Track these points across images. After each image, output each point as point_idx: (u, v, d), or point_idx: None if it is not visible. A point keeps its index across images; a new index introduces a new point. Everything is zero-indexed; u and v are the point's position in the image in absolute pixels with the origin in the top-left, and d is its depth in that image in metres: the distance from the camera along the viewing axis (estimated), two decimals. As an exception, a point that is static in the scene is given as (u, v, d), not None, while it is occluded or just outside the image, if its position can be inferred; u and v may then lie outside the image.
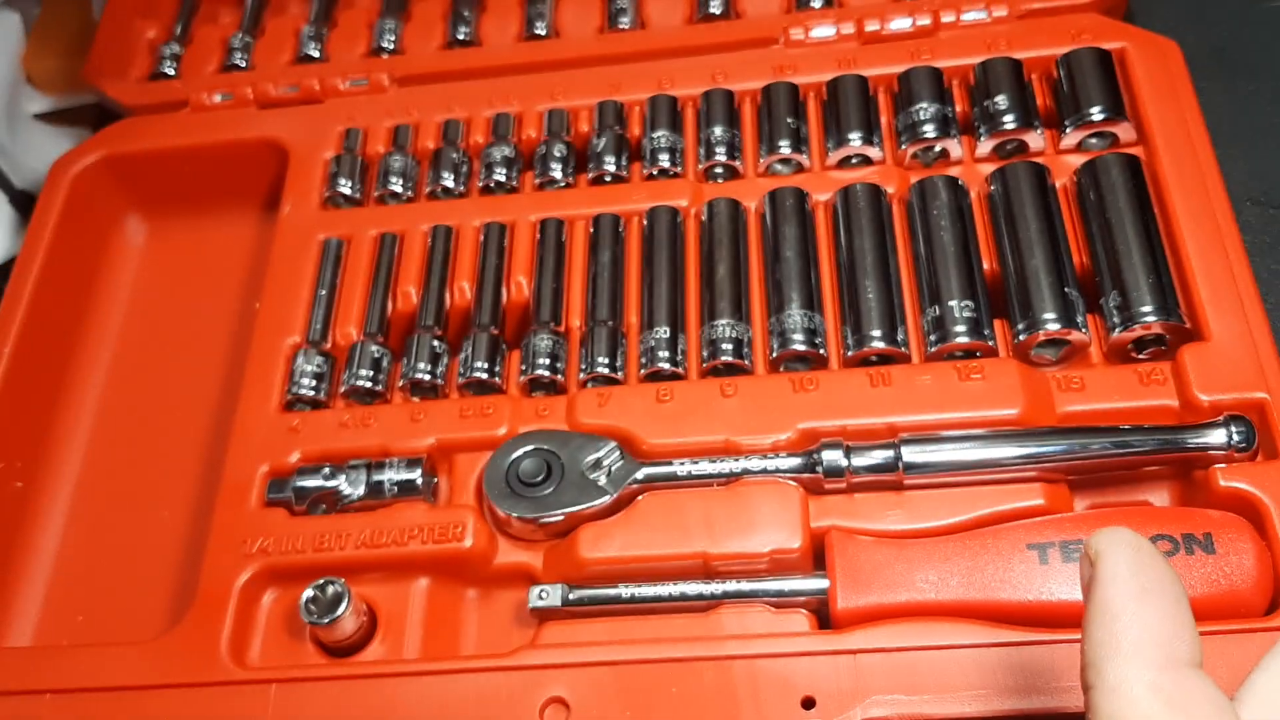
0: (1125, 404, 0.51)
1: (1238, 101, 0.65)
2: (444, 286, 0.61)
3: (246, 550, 0.53)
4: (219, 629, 0.52)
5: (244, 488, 0.56)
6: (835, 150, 0.61)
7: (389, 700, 0.49)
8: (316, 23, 0.75)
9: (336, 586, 0.50)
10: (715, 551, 0.50)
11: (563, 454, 0.53)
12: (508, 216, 0.63)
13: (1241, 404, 0.50)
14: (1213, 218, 0.54)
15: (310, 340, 0.60)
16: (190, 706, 0.50)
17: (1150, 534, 0.46)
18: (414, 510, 0.53)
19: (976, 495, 0.50)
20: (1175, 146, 0.57)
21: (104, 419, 0.66)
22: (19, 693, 0.52)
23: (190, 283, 0.70)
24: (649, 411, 0.54)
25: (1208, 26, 0.68)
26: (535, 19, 0.72)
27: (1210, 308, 0.52)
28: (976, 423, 0.51)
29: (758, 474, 0.51)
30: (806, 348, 0.54)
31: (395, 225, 0.64)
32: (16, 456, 0.62)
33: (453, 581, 0.53)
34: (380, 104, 0.69)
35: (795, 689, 0.46)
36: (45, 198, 0.68)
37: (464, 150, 0.67)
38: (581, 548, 0.51)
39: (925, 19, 0.65)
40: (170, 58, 0.75)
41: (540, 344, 0.57)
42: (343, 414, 0.57)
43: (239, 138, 0.70)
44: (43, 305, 0.65)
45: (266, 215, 0.72)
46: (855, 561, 0.48)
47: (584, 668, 0.48)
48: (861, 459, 0.50)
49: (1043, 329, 0.52)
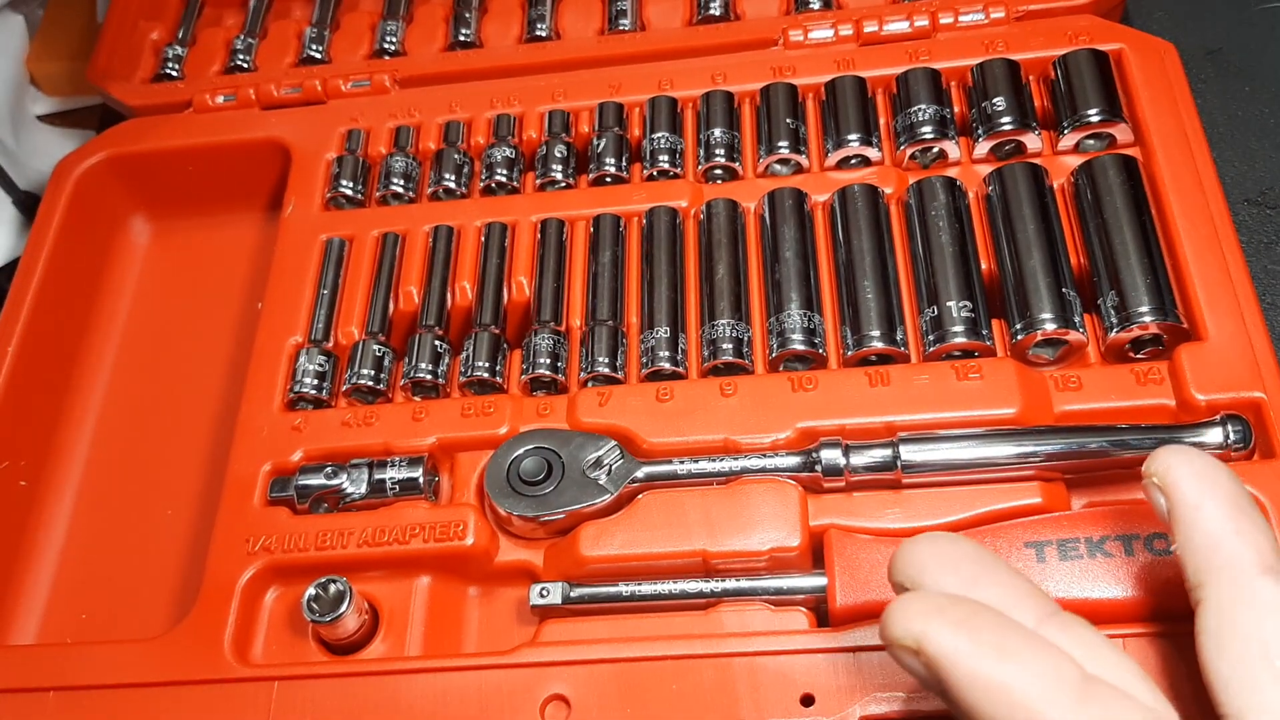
0: (1122, 403, 0.51)
1: (1234, 102, 0.66)
2: (446, 286, 0.62)
3: (249, 548, 0.54)
4: (222, 627, 0.52)
5: (247, 486, 0.56)
6: (834, 151, 0.62)
7: (391, 697, 0.49)
8: (319, 24, 0.75)
9: (339, 584, 0.50)
10: (715, 550, 0.50)
11: (563, 453, 0.53)
12: (509, 217, 0.63)
13: (1238, 403, 0.50)
14: (1209, 218, 0.55)
15: (313, 339, 0.61)
16: (193, 704, 0.50)
17: (1146, 532, 0.46)
18: (416, 509, 0.54)
19: (974, 494, 0.50)
20: (1172, 147, 0.57)
21: (108, 418, 0.66)
22: (23, 690, 0.52)
23: (193, 282, 0.71)
24: (649, 411, 0.54)
25: (1204, 28, 0.68)
26: (536, 21, 0.73)
27: (1207, 308, 0.52)
28: (974, 422, 0.51)
29: (757, 473, 0.51)
30: (806, 347, 0.55)
31: (397, 225, 0.64)
32: (21, 455, 0.62)
33: (454, 579, 0.54)
34: (382, 105, 0.70)
35: (794, 686, 0.46)
36: (49, 198, 0.69)
37: (465, 151, 0.67)
38: (582, 546, 0.51)
39: (923, 21, 0.65)
40: (174, 59, 0.76)
41: (541, 343, 0.58)
42: (345, 413, 0.57)
43: (242, 138, 0.70)
44: (47, 305, 0.65)
45: (269, 215, 0.72)
46: (854, 560, 0.48)
47: (584, 665, 0.48)
48: (860, 458, 0.50)
49: (1040, 329, 0.53)
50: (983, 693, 0.34)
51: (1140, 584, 0.46)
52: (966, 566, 0.38)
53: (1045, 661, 0.34)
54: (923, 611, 0.35)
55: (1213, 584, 0.36)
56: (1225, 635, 0.35)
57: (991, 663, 0.34)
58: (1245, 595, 0.35)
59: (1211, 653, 0.35)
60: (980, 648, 0.34)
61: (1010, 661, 0.34)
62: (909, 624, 0.35)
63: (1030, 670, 0.34)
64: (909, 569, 0.38)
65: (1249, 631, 0.35)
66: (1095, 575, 0.46)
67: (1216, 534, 0.37)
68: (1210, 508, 0.37)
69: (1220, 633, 0.35)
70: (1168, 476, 0.38)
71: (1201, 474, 0.38)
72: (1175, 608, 0.45)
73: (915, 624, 0.35)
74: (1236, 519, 0.37)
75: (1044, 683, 0.34)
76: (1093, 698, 0.34)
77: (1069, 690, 0.34)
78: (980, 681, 0.34)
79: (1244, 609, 0.35)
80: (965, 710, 0.35)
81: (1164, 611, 0.45)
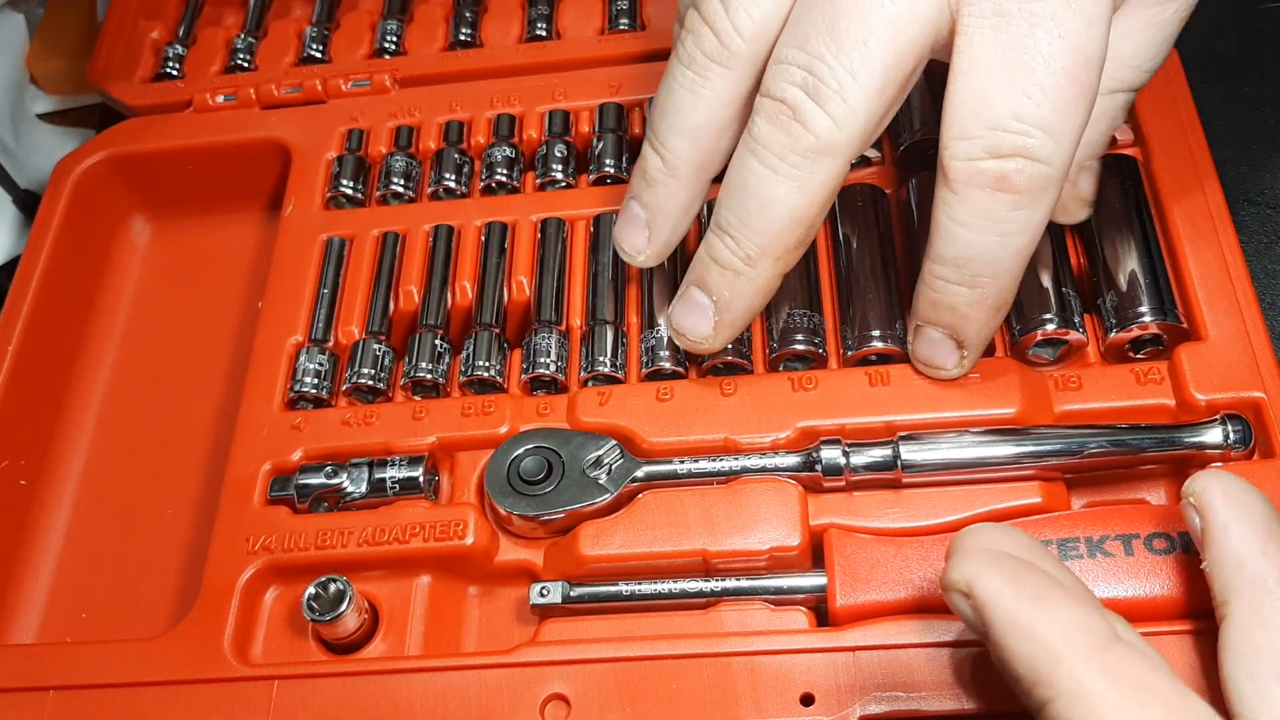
0: (1122, 403, 0.51)
1: (1234, 102, 0.66)
2: (446, 286, 0.62)
3: (249, 548, 0.54)
4: (222, 626, 0.52)
5: (247, 485, 0.56)
6: (835, 151, 0.61)
7: (391, 696, 0.49)
8: (319, 24, 0.75)
9: (339, 584, 0.50)
10: (715, 549, 0.50)
11: (563, 452, 0.53)
12: (509, 216, 0.63)
13: (1238, 403, 0.50)
14: (1209, 218, 0.55)
15: (313, 339, 0.61)
16: (193, 703, 0.50)
17: (1146, 533, 0.46)
18: (416, 508, 0.54)
19: (974, 494, 0.50)
20: (1172, 147, 0.57)
21: (108, 417, 0.66)
22: (23, 689, 0.52)
23: (194, 282, 0.71)
24: (649, 410, 0.54)
25: (1204, 28, 0.68)
26: (537, 21, 0.73)
27: (1207, 308, 0.52)
28: (974, 422, 0.51)
29: (757, 472, 0.51)
30: (806, 347, 0.55)
31: (397, 225, 0.64)
32: (21, 455, 0.62)
33: (454, 579, 0.54)
34: (383, 105, 0.70)
35: (794, 686, 0.47)
36: (49, 197, 0.69)
37: (466, 151, 0.67)
38: (582, 545, 0.51)
39: (924, 21, 0.65)
40: (174, 58, 0.76)
41: (541, 343, 0.58)
42: (345, 412, 0.57)
43: (242, 138, 0.70)
44: (47, 304, 0.65)
45: (269, 215, 0.72)
46: (854, 559, 0.48)
47: (584, 664, 0.48)
48: (860, 457, 0.50)
49: (1040, 329, 0.53)
50: (1014, 634, 0.37)
51: (1140, 584, 0.46)
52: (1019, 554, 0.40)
53: (1077, 612, 0.37)
54: (980, 559, 0.38)
55: (1236, 601, 0.38)
56: (1244, 650, 0.37)
57: (1027, 607, 0.37)
58: (1265, 614, 0.37)
59: (1230, 665, 0.37)
60: (1021, 593, 0.37)
61: (1043, 606, 0.36)
62: (965, 569, 0.38)
63: (1059, 617, 0.36)
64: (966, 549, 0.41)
65: (1265, 648, 0.37)
66: (1095, 575, 0.46)
67: (1243, 555, 0.39)
68: (1238, 530, 0.39)
69: (1239, 648, 0.37)
70: (1203, 498, 0.40)
71: (1234, 497, 0.40)
72: (1175, 607, 0.45)
73: (971, 569, 0.38)
74: (1264, 541, 0.39)
75: (1069, 630, 0.36)
76: (1114, 652, 0.36)
77: (1093, 641, 0.36)
78: (1014, 623, 0.37)
79: (1263, 628, 0.37)
80: (1000, 653, 0.37)
81: (1164, 611, 0.45)
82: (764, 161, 0.45)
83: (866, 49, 0.43)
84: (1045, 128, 0.42)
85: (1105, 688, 0.35)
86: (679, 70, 0.48)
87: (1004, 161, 0.43)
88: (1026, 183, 0.43)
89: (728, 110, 0.48)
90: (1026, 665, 0.36)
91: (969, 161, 0.43)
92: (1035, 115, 0.42)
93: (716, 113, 0.48)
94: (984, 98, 0.42)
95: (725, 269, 0.48)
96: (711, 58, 0.47)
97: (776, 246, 0.47)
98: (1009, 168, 0.43)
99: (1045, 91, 0.42)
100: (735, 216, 0.47)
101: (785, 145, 0.45)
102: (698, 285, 0.50)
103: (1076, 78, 0.42)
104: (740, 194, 0.47)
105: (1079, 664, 0.35)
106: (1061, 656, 0.35)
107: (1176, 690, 0.35)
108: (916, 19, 0.43)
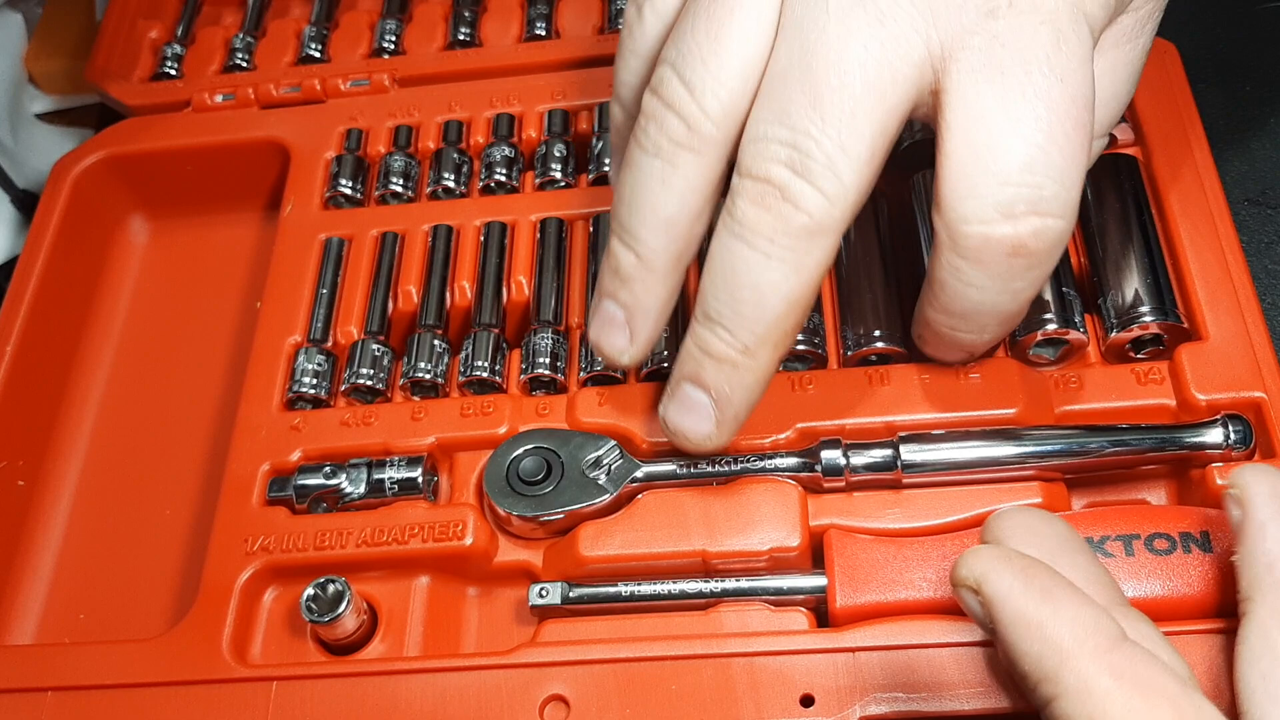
0: (1123, 403, 0.51)
1: (1234, 102, 0.66)
2: (445, 286, 0.61)
3: (248, 548, 0.54)
4: (220, 627, 0.52)
5: (245, 486, 0.56)
6: (834, 151, 0.61)
7: (390, 697, 0.49)
8: (318, 23, 0.75)
9: (337, 585, 0.50)
10: (714, 550, 0.50)
11: (563, 453, 0.53)
12: (509, 216, 0.63)
13: (1238, 403, 0.50)
14: (1210, 218, 0.55)
15: (311, 339, 0.61)
16: (192, 704, 0.50)
17: (1146, 533, 0.46)
18: (415, 508, 0.53)
19: (975, 494, 0.50)
20: (1172, 147, 0.57)
21: (106, 418, 0.66)
22: (21, 690, 0.52)
23: (192, 282, 0.71)
24: (649, 410, 0.54)
25: (1205, 28, 0.68)
26: (536, 20, 0.72)
27: (1207, 308, 0.52)
28: (975, 422, 0.51)
29: (757, 473, 0.51)
30: (805, 347, 0.55)
31: (396, 225, 0.64)
32: (19, 455, 0.62)
33: (453, 579, 0.54)
34: (382, 104, 0.70)
35: (794, 687, 0.46)
36: (47, 197, 0.68)
37: (465, 150, 0.67)
38: (581, 546, 0.51)
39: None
40: (172, 58, 0.75)
41: (541, 343, 0.58)
42: (344, 412, 0.57)
43: (241, 138, 0.70)
44: (45, 305, 0.65)
45: (268, 215, 0.72)
46: (854, 560, 0.48)
47: (584, 665, 0.48)
48: (860, 458, 0.50)
49: (1041, 329, 0.52)
50: (1022, 631, 0.36)
51: (1141, 584, 0.46)
52: (1050, 542, 0.40)
53: (1085, 611, 0.36)
54: (989, 556, 0.38)
55: (1260, 600, 0.38)
56: (1260, 649, 0.37)
57: (1036, 604, 0.36)
58: None
59: (1244, 662, 0.37)
60: (1030, 590, 0.37)
61: (1051, 604, 0.36)
62: (974, 565, 0.38)
63: (1067, 615, 0.36)
64: (997, 530, 0.41)
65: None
66: (1096, 575, 0.46)
67: (1274, 554, 0.39)
68: (1275, 529, 0.39)
69: (1256, 645, 0.37)
70: (1245, 492, 0.40)
71: (1276, 495, 0.40)
72: (1176, 607, 0.45)
73: (979, 566, 0.38)
74: None
75: (1076, 628, 0.36)
76: (1121, 651, 0.35)
77: (1100, 639, 0.36)
78: (1022, 620, 0.37)
79: None
80: (1008, 650, 0.37)
81: (1164, 611, 0.45)
82: (753, 246, 0.43)
83: (855, 120, 0.41)
84: (1056, 176, 0.41)
85: (1111, 686, 0.35)
86: (645, 161, 0.45)
87: (1018, 224, 0.41)
88: (1043, 246, 0.42)
89: (700, 196, 0.45)
90: (1033, 662, 0.36)
91: (982, 226, 0.41)
92: (1046, 164, 0.40)
93: (690, 201, 0.45)
94: (991, 150, 0.41)
95: (722, 362, 0.45)
96: (681, 144, 0.44)
97: (774, 333, 0.44)
98: (1024, 232, 0.41)
99: (1054, 139, 0.40)
100: (726, 306, 0.44)
101: (775, 228, 0.42)
102: (691, 381, 0.47)
103: (1080, 120, 0.41)
104: (729, 281, 0.44)
105: (1086, 662, 0.35)
106: (1068, 654, 0.35)
107: (1184, 691, 0.35)
108: (900, 83, 0.42)
